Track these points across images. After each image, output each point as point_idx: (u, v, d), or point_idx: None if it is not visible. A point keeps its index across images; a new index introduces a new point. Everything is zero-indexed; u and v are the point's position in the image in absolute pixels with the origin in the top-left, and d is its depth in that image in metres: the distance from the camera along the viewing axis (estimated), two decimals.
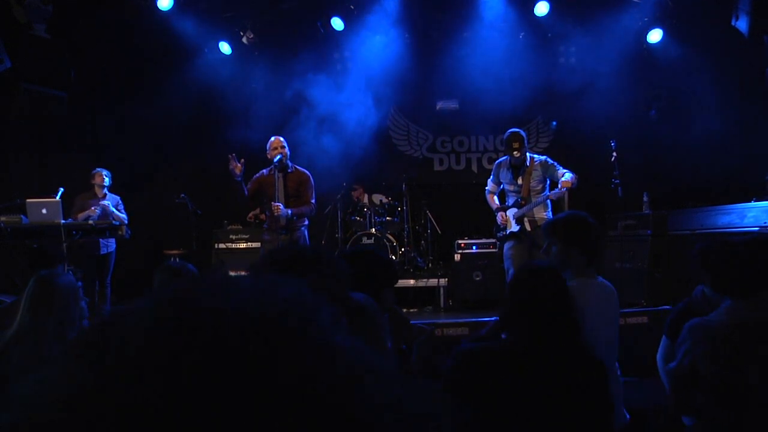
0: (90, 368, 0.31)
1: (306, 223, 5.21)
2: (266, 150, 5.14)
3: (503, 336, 2.13)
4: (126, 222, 6.16)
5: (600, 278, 2.54)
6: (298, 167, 5.16)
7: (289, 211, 4.91)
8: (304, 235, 5.16)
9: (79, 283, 5.47)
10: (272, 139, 5.13)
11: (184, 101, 7.66)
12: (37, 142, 7.49)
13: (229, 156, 4.89)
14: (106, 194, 6.30)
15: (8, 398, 0.31)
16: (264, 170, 5.16)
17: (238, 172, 4.83)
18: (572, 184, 4.68)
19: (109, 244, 6.29)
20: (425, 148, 9.00)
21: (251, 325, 0.32)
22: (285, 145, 5.07)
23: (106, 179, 6.30)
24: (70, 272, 4.97)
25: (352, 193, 7.93)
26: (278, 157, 4.96)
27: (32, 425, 0.29)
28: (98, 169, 6.32)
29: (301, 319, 0.35)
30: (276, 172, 5.01)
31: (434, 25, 8.14)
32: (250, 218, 7.73)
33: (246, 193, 5.04)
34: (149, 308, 0.34)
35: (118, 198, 6.47)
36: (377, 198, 7.90)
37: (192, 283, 0.36)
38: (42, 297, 2.18)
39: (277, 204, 4.87)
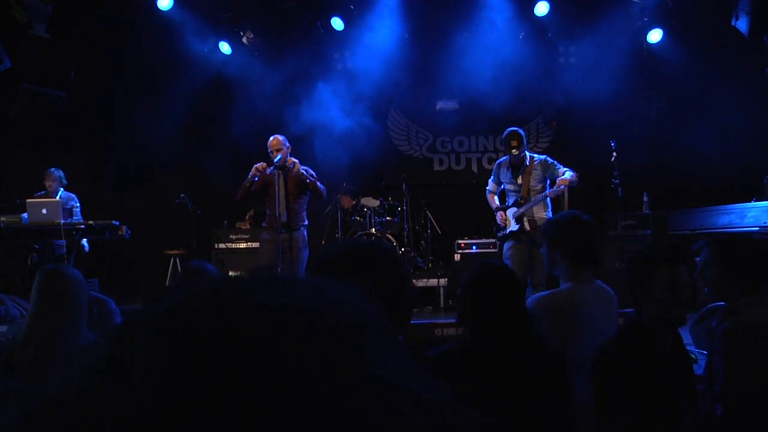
0: (111, 364, 0.31)
1: (306, 222, 5.20)
2: (267, 150, 5.14)
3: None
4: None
5: (598, 282, 2.51)
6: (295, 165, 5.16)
7: (301, 167, 4.95)
8: (304, 235, 5.15)
9: (95, 280, 5.48)
10: (271, 138, 5.12)
11: (183, 101, 7.66)
12: (37, 142, 7.49)
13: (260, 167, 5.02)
14: (59, 193, 6.20)
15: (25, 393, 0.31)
16: (266, 170, 5.17)
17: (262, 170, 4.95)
18: (570, 182, 4.68)
19: (62, 245, 6.17)
20: (425, 148, 9.00)
21: (284, 328, 0.31)
22: (283, 144, 5.05)
23: (58, 179, 6.19)
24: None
25: (341, 204, 7.81)
26: (278, 157, 4.96)
27: (53, 414, 0.29)
28: (51, 170, 6.21)
29: (338, 326, 0.33)
30: (276, 171, 5.01)
31: (434, 25, 8.14)
32: (247, 220, 7.73)
33: (252, 188, 5.08)
34: (176, 301, 0.33)
35: (74, 196, 6.34)
36: (367, 201, 7.83)
37: (234, 280, 0.35)
38: (51, 288, 2.21)
39: (293, 159, 4.91)
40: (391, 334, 0.36)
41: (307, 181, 5.00)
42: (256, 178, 5.03)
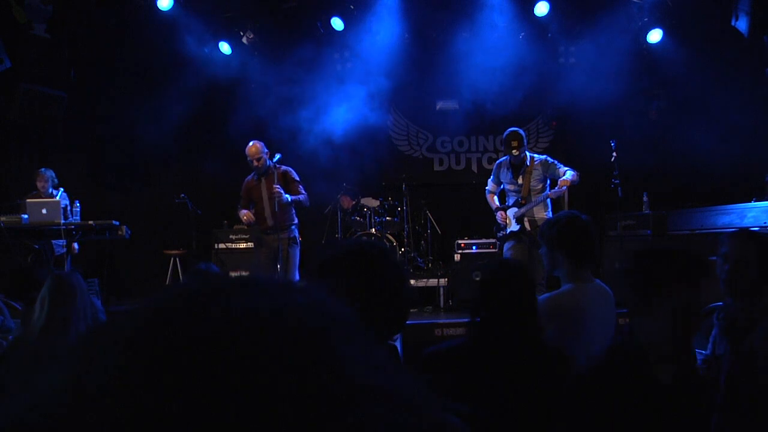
0: (84, 367, 0.31)
1: (295, 221, 5.21)
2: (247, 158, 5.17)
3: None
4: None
5: (597, 281, 2.51)
6: (281, 167, 5.18)
7: (289, 197, 4.94)
8: (294, 234, 5.16)
9: (96, 280, 5.62)
10: (250, 144, 5.14)
11: (183, 101, 7.66)
12: (37, 142, 7.49)
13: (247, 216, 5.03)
14: (52, 194, 6.19)
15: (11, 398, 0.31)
16: (248, 177, 5.20)
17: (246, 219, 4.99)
18: (571, 181, 4.68)
19: (63, 245, 6.20)
20: (425, 148, 9.00)
21: (248, 329, 0.31)
22: (261, 152, 5.09)
23: (49, 179, 6.18)
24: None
25: (342, 204, 7.82)
26: (278, 156, 4.99)
27: (34, 422, 0.29)
28: (42, 170, 6.20)
29: (306, 326, 0.33)
30: (261, 176, 5.05)
31: (434, 25, 8.14)
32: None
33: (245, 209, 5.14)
34: (147, 309, 0.33)
35: (66, 195, 6.31)
36: (367, 201, 7.83)
37: (199, 284, 0.35)
38: (63, 292, 2.51)
39: (279, 189, 4.89)
40: (362, 332, 0.36)
41: (292, 205, 5.05)
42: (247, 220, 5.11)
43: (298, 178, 5.20)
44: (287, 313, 0.33)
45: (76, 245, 6.34)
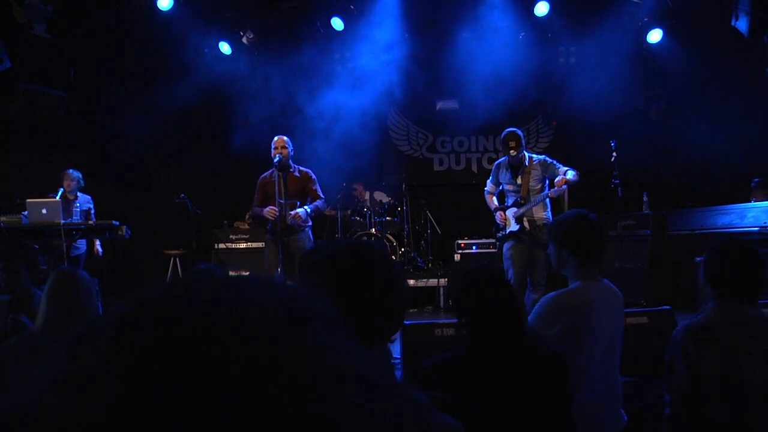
0: (67, 364, 0.31)
1: (309, 224, 5.19)
2: (270, 150, 5.13)
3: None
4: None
5: (606, 281, 2.51)
6: (300, 167, 5.16)
7: (308, 209, 4.93)
8: (308, 236, 5.13)
9: (96, 280, 5.66)
10: (275, 138, 5.12)
11: (183, 101, 7.66)
12: (37, 142, 7.48)
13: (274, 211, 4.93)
14: (77, 196, 6.24)
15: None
16: (265, 173, 5.17)
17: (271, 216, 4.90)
18: (570, 181, 4.67)
19: (80, 246, 6.26)
20: (425, 148, 9.00)
21: (228, 324, 0.32)
22: (287, 144, 5.06)
23: (76, 180, 6.23)
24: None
25: (354, 192, 7.95)
26: (278, 157, 4.96)
27: (9, 422, 0.29)
28: (70, 171, 6.24)
29: (286, 319, 0.33)
30: (276, 172, 5.01)
31: (434, 25, 8.14)
32: (247, 220, 7.73)
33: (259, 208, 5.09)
34: (129, 306, 0.34)
35: (89, 198, 6.39)
36: (379, 195, 7.92)
37: (176, 281, 0.36)
38: (65, 289, 2.51)
39: (297, 211, 4.87)
40: (344, 328, 0.36)
41: (312, 218, 5.04)
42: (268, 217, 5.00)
43: (316, 179, 5.20)
44: (260, 306, 0.34)
45: (99, 247, 6.39)
